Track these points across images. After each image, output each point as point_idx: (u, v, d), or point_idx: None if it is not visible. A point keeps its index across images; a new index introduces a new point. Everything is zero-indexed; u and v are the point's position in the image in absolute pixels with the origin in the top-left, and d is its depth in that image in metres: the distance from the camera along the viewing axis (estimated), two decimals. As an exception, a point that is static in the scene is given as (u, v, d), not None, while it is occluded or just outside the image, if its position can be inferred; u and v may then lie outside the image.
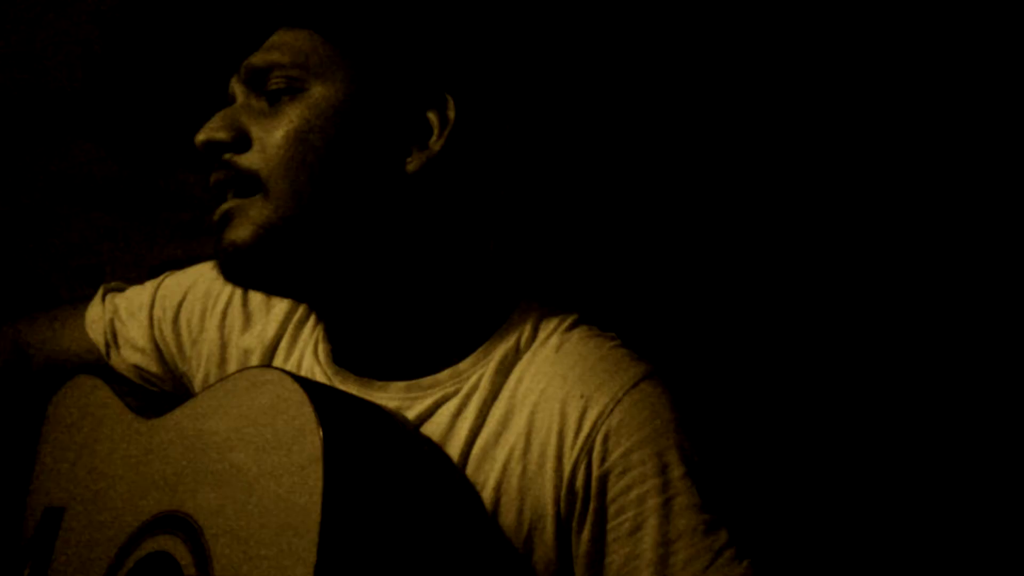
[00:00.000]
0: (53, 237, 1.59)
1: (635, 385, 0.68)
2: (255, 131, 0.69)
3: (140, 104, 1.55)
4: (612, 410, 0.66)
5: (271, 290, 0.75)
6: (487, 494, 0.68)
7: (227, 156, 0.69)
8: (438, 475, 0.69)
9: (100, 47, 1.52)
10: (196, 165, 1.72)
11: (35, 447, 0.89)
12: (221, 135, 0.69)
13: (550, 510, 0.67)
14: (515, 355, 0.72)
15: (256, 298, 0.86)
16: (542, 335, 0.73)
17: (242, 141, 0.69)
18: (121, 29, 1.51)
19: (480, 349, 0.73)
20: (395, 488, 0.65)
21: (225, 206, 0.69)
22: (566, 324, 0.74)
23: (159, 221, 1.63)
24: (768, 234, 1.31)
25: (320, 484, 0.57)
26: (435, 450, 0.71)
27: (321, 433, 0.59)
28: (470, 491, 0.69)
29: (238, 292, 0.87)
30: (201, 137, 0.69)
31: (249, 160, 0.68)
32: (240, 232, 0.67)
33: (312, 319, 0.83)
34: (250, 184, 0.68)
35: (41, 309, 1.00)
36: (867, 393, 1.23)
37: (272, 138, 0.68)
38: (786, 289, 1.28)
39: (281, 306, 0.85)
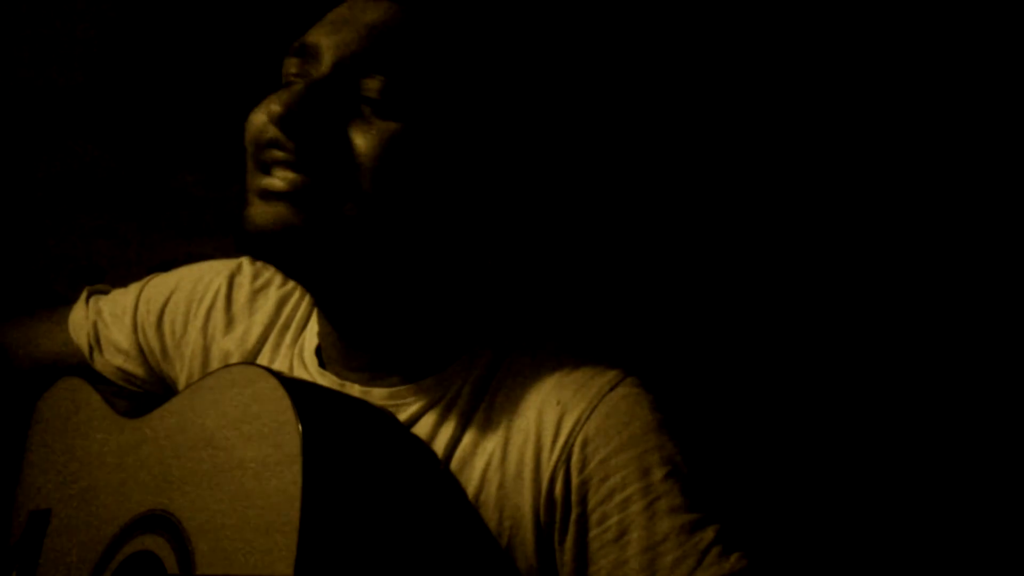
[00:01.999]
0: (53, 237, 1.59)
1: (612, 389, 0.67)
2: (357, 124, 0.65)
3: (140, 104, 1.56)
4: (589, 416, 0.66)
5: (288, 272, 0.72)
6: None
7: (304, 140, 0.64)
8: (423, 474, 0.68)
9: (100, 47, 1.53)
10: (196, 165, 1.72)
11: (22, 449, 0.89)
12: (307, 115, 0.63)
13: (529, 520, 0.66)
14: (495, 365, 0.72)
15: (240, 300, 0.86)
16: (521, 346, 0.73)
17: (328, 131, 0.64)
18: (121, 29, 1.51)
19: (462, 359, 0.73)
20: (376, 484, 0.64)
21: (285, 183, 0.64)
22: (544, 335, 0.74)
23: (159, 221, 1.63)
24: (743, 237, 1.31)
25: (299, 480, 0.56)
26: (422, 448, 0.70)
27: (300, 429, 0.58)
28: (455, 492, 0.69)
29: (222, 294, 0.86)
30: (280, 109, 0.63)
31: (330, 156, 0.64)
32: (294, 215, 0.63)
33: (296, 324, 0.83)
34: (322, 177, 0.64)
35: (27, 312, 1.01)
36: (850, 385, 1.23)
37: (364, 148, 0.64)
38: (766, 288, 1.28)
39: (265, 310, 0.84)
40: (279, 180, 0.64)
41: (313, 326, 0.81)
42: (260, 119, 0.66)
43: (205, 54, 1.53)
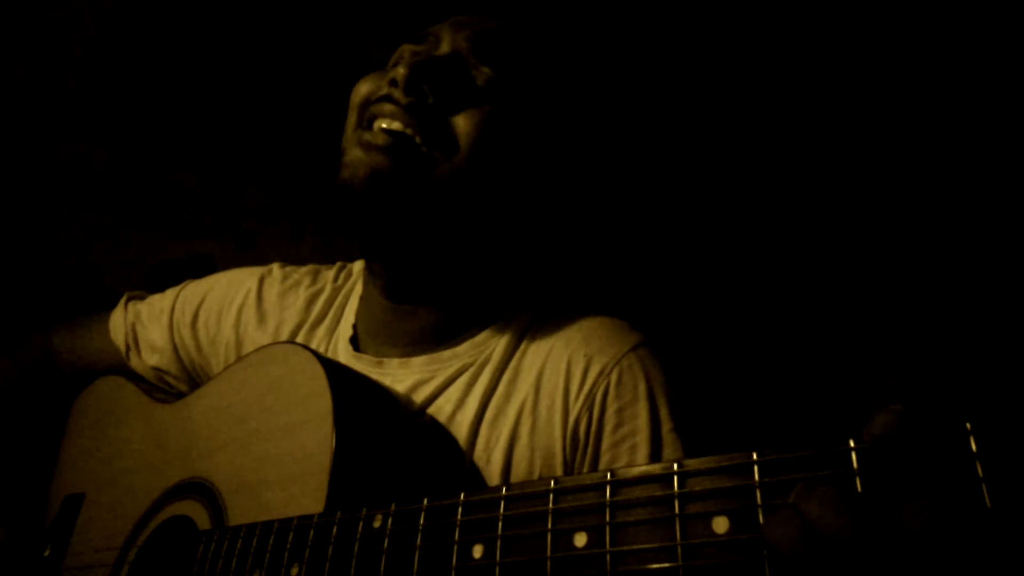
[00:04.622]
0: (53, 237, 1.59)
1: (633, 349, 0.74)
2: (459, 103, 0.71)
3: (139, 104, 1.56)
4: (612, 369, 0.72)
5: (363, 231, 0.72)
6: (500, 448, 0.72)
7: (433, 100, 0.69)
8: (435, 442, 0.71)
9: (100, 47, 1.53)
10: (196, 165, 1.72)
11: (59, 442, 0.91)
12: (432, 80, 0.69)
13: (559, 457, 0.72)
14: (525, 328, 0.78)
15: (270, 299, 0.90)
16: (549, 312, 0.79)
17: (446, 100, 0.70)
18: (121, 29, 1.52)
19: (495, 325, 0.78)
20: (395, 445, 0.67)
21: (388, 138, 0.68)
22: (569, 303, 0.80)
23: (159, 221, 1.63)
24: (741, 234, 1.34)
25: (331, 433, 0.60)
26: (434, 423, 0.74)
27: (332, 393, 0.62)
28: (468, 458, 0.72)
29: (252, 294, 0.90)
30: (405, 71, 0.68)
31: (443, 123, 0.70)
32: (388, 164, 0.67)
33: (328, 320, 0.87)
34: (433, 140, 0.69)
35: (35, 314, 1.03)
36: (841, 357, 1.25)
37: (473, 124, 0.70)
38: (767, 271, 1.31)
39: (295, 308, 0.88)
40: (381, 135, 0.69)
41: (347, 320, 0.86)
42: (372, 84, 0.73)
43: (204, 54, 1.54)
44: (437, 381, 0.75)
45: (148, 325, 0.95)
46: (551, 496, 0.44)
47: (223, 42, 1.55)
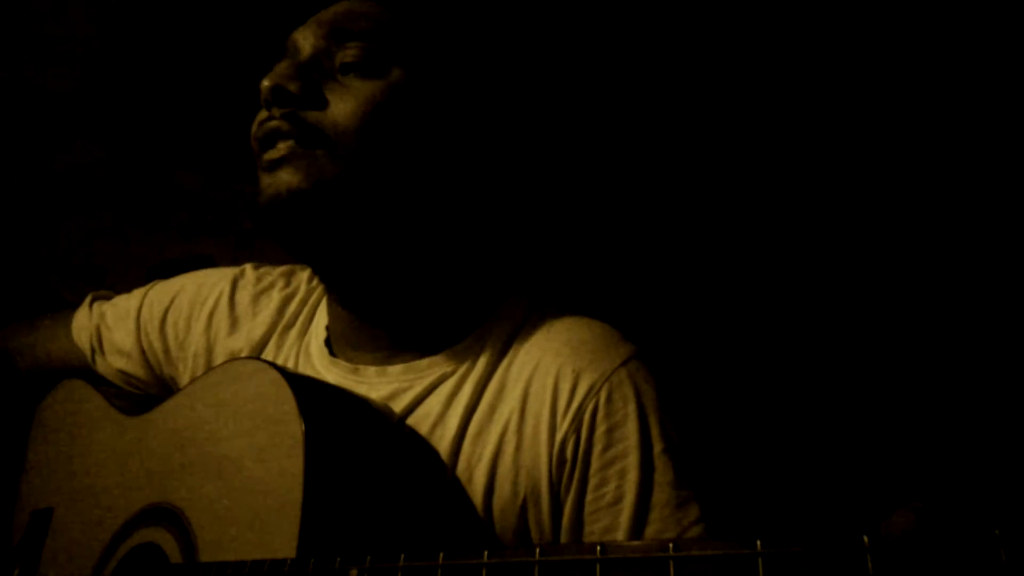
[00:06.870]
0: (53, 237, 1.58)
1: (624, 364, 0.70)
2: (330, 93, 0.69)
3: (140, 104, 1.55)
4: (602, 386, 0.68)
5: (299, 245, 0.72)
6: (483, 467, 0.69)
7: (293, 107, 0.68)
8: (417, 457, 0.69)
9: (100, 47, 1.52)
10: (196, 165, 1.70)
11: (22, 451, 0.88)
12: (292, 86, 0.67)
13: (544, 479, 0.68)
14: (510, 337, 0.74)
15: (243, 303, 0.86)
16: (535, 319, 0.75)
17: (314, 97, 0.68)
18: (121, 29, 1.51)
19: (476, 332, 0.74)
20: (373, 467, 0.65)
21: (284, 149, 0.67)
22: (557, 310, 0.76)
23: (159, 221, 1.62)
24: (742, 237, 1.31)
25: (302, 463, 0.57)
26: (415, 436, 0.71)
27: (302, 417, 0.59)
28: (449, 475, 0.69)
29: (224, 296, 0.87)
30: (268, 83, 0.67)
31: (319, 118, 0.68)
32: (298, 178, 0.67)
33: (300, 323, 0.83)
34: (314, 139, 0.68)
35: (35, 314, 1.00)
36: (841, 374, 1.23)
37: (348, 105, 0.68)
38: (761, 286, 1.28)
39: (268, 311, 0.85)
40: (277, 150, 0.68)
41: (320, 321, 0.82)
42: (260, 115, 0.71)
43: (204, 54, 1.52)
44: (416, 391, 0.72)
45: (114, 327, 0.91)
46: (536, 568, 0.41)
47: (223, 42, 1.53)
